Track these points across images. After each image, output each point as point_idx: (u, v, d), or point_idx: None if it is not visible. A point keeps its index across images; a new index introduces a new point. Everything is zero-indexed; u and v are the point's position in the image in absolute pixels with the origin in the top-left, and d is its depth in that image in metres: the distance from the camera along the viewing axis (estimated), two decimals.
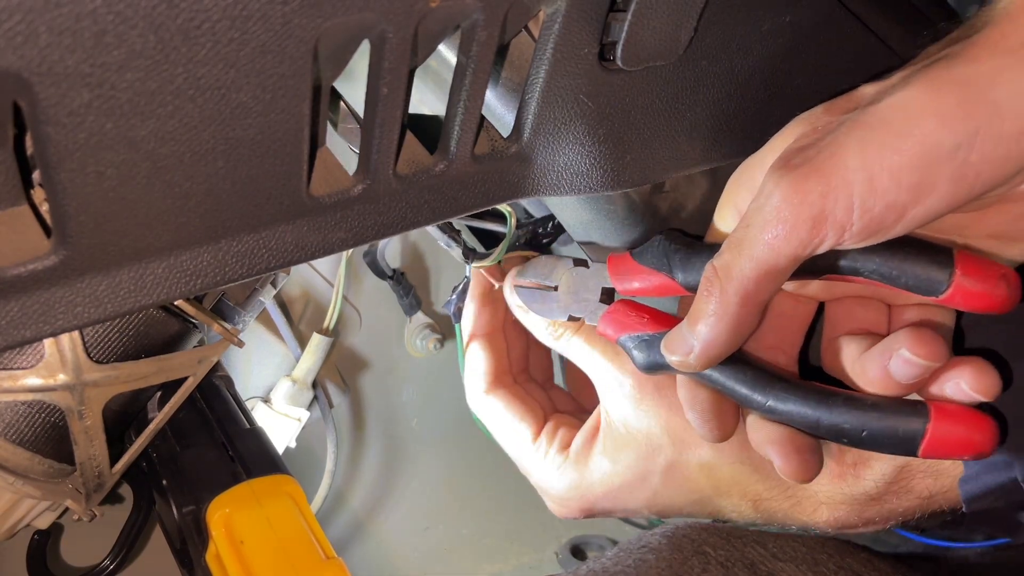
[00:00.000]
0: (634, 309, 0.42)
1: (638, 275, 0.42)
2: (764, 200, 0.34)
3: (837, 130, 0.33)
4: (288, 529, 0.60)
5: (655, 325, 0.41)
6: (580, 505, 0.48)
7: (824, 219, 0.32)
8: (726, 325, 0.36)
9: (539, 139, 0.38)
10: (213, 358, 0.61)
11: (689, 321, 0.37)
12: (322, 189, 0.34)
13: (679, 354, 0.38)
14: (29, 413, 0.54)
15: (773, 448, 0.38)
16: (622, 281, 0.42)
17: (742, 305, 0.35)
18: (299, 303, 0.84)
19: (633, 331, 0.42)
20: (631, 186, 0.41)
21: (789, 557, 0.48)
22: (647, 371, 0.41)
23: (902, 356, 0.35)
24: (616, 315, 0.43)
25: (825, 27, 0.42)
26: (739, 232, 0.35)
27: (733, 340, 0.36)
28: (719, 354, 0.37)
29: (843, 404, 0.36)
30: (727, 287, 0.35)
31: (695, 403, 0.40)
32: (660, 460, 0.45)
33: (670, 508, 0.47)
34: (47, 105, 0.25)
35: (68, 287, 0.30)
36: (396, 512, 0.95)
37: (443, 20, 0.31)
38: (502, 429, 0.50)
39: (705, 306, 0.36)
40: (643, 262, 0.41)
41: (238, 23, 0.26)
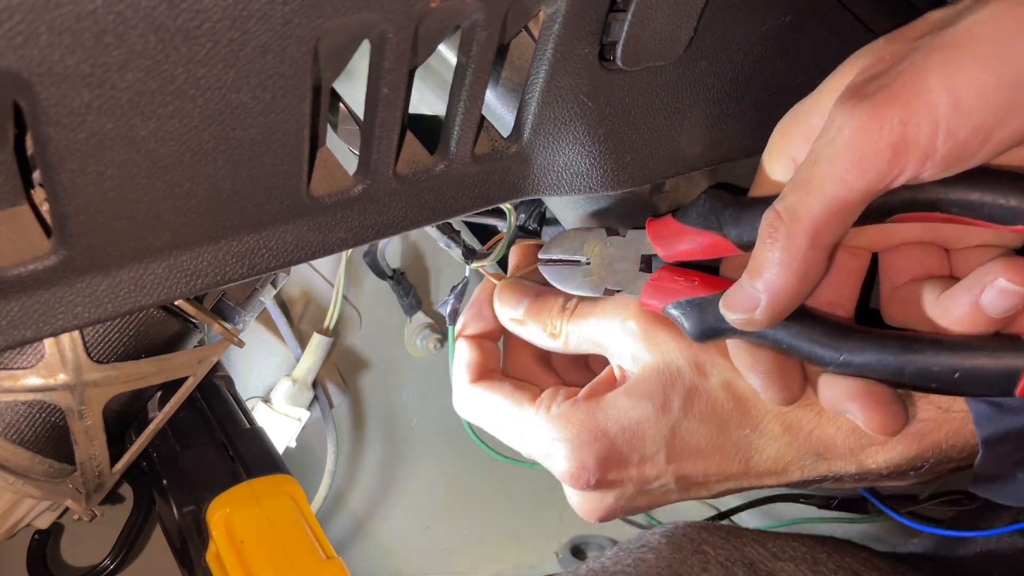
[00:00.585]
0: (680, 274, 0.39)
1: (684, 237, 0.38)
2: (835, 133, 0.31)
3: (911, 55, 0.31)
4: (288, 529, 0.60)
5: (706, 288, 0.38)
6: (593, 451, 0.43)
7: (906, 147, 0.30)
8: (795, 272, 0.33)
9: (539, 139, 0.38)
10: (213, 358, 0.61)
11: (751, 274, 0.34)
12: (322, 189, 0.34)
13: (742, 311, 0.35)
14: (29, 413, 0.54)
15: (855, 403, 0.36)
16: (666, 245, 0.39)
17: (812, 248, 0.33)
18: (299, 303, 0.84)
19: (681, 296, 0.38)
20: (631, 186, 0.41)
21: (789, 556, 0.48)
22: (701, 338, 0.38)
23: (998, 286, 0.32)
24: (661, 282, 0.39)
25: (825, 27, 0.42)
26: (805, 171, 0.33)
27: (803, 288, 0.34)
28: (789, 305, 0.34)
29: (929, 347, 0.34)
30: (795, 229, 0.32)
31: (757, 365, 0.38)
32: (680, 386, 0.43)
33: (689, 447, 0.43)
34: (47, 105, 0.25)
35: (68, 287, 0.30)
36: (396, 512, 0.95)
37: (443, 20, 0.31)
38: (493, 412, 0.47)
39: (770, 254, 0.33)
40: (688, 222, 0.38)
41: (238, 23, 0.26)
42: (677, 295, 0.39)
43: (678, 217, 0.39)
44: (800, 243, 0.33)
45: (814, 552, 0.49)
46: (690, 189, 0.51)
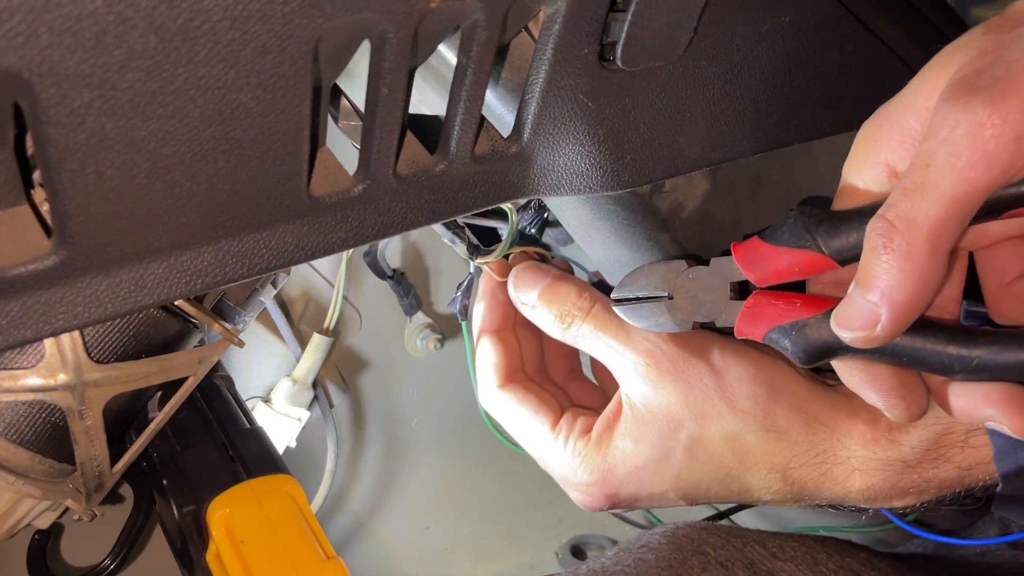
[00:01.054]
0: (777, 298, 0.37)
1: (776, 258, 0.36)
2: (950, 131, 0.30)
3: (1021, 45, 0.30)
4: (288, 529, 0.60)
5: (809, 308, 0.36)
6: (604, 491, 0.46)
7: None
8: (918, 281, 0.31)
9: (539, 139, 0.38)
10: (213, 358, 0.61)
11: (864, 288, 0.32)
12: (322, 189, 0.34)
13: (860, 328, 0.33)
14: (30, 413, 0.54)
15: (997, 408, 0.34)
16: (757, 269, 0.37)
17: (933, 254, 0.31)
18: (299, 303, 0.84)
19: (783, 321, 0.37)
20: (631, 186, 0.41)
21: (789, 557, 0.48)
22: (811, 360, 0.36)
23: None
24: (758, 308, 0.38)
25: (825, 27, 0.42)
26: (916, 175, 0.31)
27: (926, 298, 0.32)
28: (911, 316, 0.32)
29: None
30: (915, 236, 0.31)
31: (879, 382, 0.36)
32: (682, 436, 0.44)
33: (697, 489, 0.45)
34: (48, 105, 0.25)
35: (68, 287, 0.30)
36: (396, 512, 0.95)
37: (443, 20, 0.31)
38: (518, 424, 0.49)
39: (886, 265, 0.31)
40: (780, 242, 0.36)
41: (238, 23, 0.26)
42: (779, 320, 0.37)
43: (766, 238, 0.37)
44: (921, 250, 0.31)
45: (814, 552, 0.49)
46: (690, 189, 0.51)
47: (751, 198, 0.54)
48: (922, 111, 0.32)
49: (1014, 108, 0.29)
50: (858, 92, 0.45)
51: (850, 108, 0.45)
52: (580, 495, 0.47)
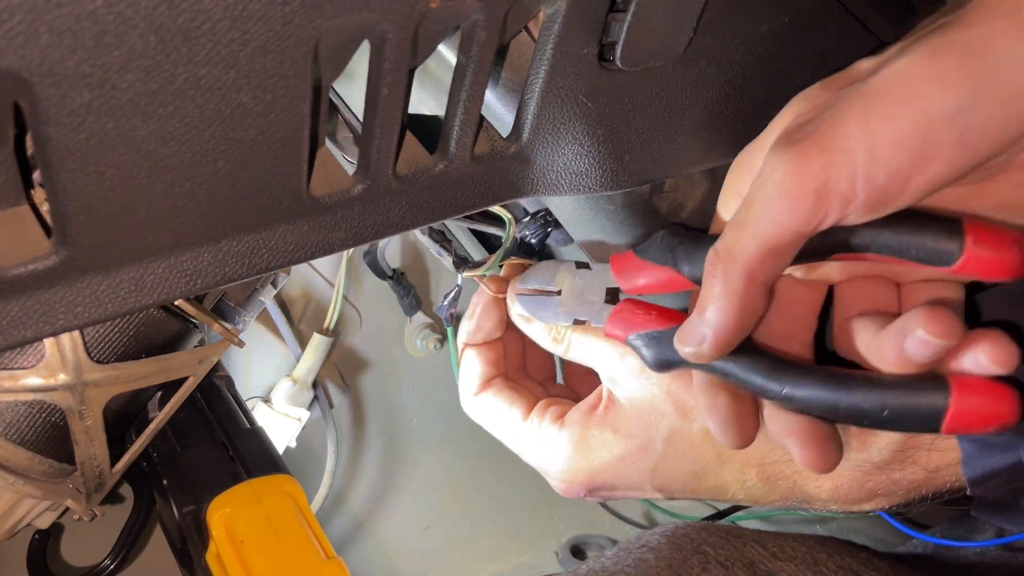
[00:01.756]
0: (641, 307, 0.41)
1: (643, 272, 0.41)
2: (767, 176, 0.33)
3: (836, 104, 0.33)
4: (288, 529, 0.60)
5: (664, 321, 0.40)
6: (581, 479, 0.47)
7: (828, 191, 0.32)
8: (734, 308, 0.35)
9: (539, 139, 0.38)
10: (213, 358, 0.61)
11: (698, 310, 0.36)
12: (322, 189, 0.34)
13: (692, 345, 0.37)
14: (30, 413, 0.54)
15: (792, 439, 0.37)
16: (627, 279, 0.41)
17: (747, 285, 0.34)
18: (299, 303, 0.84)
19: (642, 329, 0.41)
20: (630, 186, 0.41)
21: (789, 557, 0.48)
22: (658, 368, 0.40)
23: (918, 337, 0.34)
24: (623, 314, 0.42)
25: (824, 28, 0.42)
26: (741, 212, 0.34)
27: (743, 324, 0.35)
28: (730, 340, 0.36)
29: (862, 385, 0.35)
30: (731, 268, 0.34)
31: (715, 408, 0.39)
32: (663, 427, 0.45)
33: (672, 482, 0.46)
34: (48, 105, 0.25)
35: (68, 287, 0.30)
36: (396, 512, 0.95)
37: (443, 20, 0.31)
38: (495, 421, 0.49)
39: (710, 291, 0.35)
40: (647, 258, 0.40)
41: (238, 23, 0.26)
42: (637, 327, 0.41)
43: (639, 253, 0.41)
44: (736, 281, 0.34)
45: (814, 552, 0.49)
46: (690, 189, 0.51)
47: None
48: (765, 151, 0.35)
49: (815, 163, 0.32)
50: None
51: None
52: (557, 482, 0.48)
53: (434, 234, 0.49)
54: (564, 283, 0.45)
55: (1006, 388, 0.35)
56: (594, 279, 0.45)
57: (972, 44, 0.31)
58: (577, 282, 0.45)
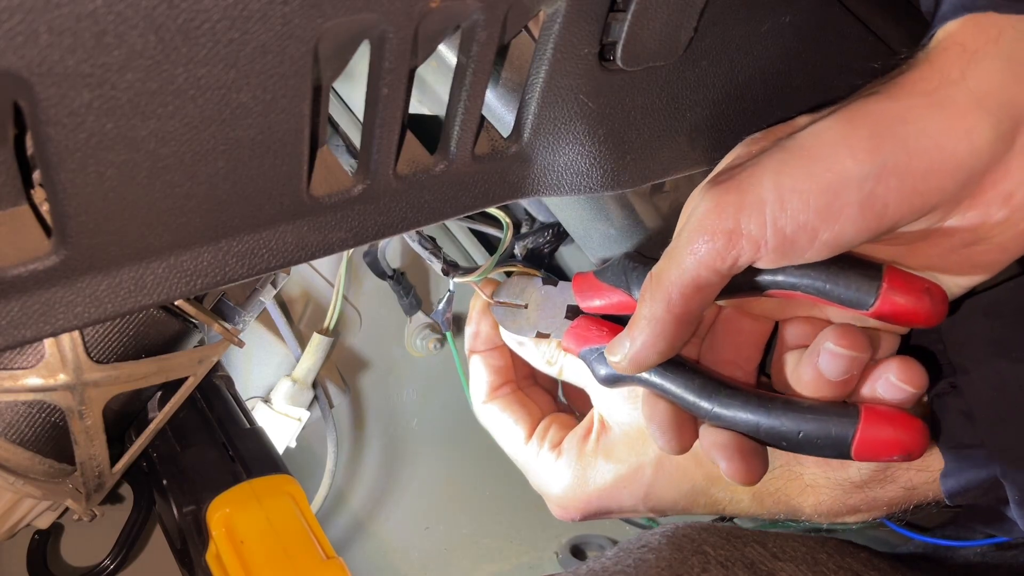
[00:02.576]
0: (595, 324, 0.44)
1: (599, 292, 0.43)
2: (692, 211, 0.36)
3: (762, 154, 0.35)
4: (288, 529, 0.60)
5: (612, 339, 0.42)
6: (577, 505, 0.48)
7: (739, 233, 0.34)
8: (653, 331, 0.37)
9: (539, 139, 0.38)
10: (213, 358, 0.61)
11: (628, 326, 0.39)
12: (322, 189, 0.34)
13: (616, 356, 0.39)
14: (29, 413, 0.54)
15: (717, 451, 0.39)
16: (585, 298, 0.44)
17: (668, 312, 0.37)
18: (299, 303, 0.84)
19: (593, 344, 0.43)
20: (631, 186, 0.41)
21: (789, 557, 0.48)
22: (605, 383, 0.43)
23: (828, 350, 0.37)
24: (578, 330, 0.44)
25: (825, 27, 0.42)
26: (672, 242, 0.36)
27: (660, 346, 0.38)
28: (646, 359, 0.38)
29: (781, 407, 0.38)
30: (656, 294, 0.37)
31: (654, 415, 0.41)
32: (651, 452, 0.46)
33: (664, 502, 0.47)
34: (47, 105, 0.25)
35: (68, 287, 0.30)
36: (396, 512, 0.95)
37: (443, 20, 0.31)
38: (500, 433, 0.51)
39: (639, 311, 0.38)
40: (604, 280, 0.43)
41: (238, 23, 0.26)
42: (590, 342, 0.44)
43: (597, 275, 0.44)
44: (658, 307, 0.37)
45: (814, 552, 0.49)
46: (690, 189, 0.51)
47: None
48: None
49: (729, 205, 0.34)
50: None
51: None
52: (554, 507, 0.49)
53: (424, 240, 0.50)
54: (531, 297, 0.47)
55: (912, 418, 0.37)
56: (557, 296, 0.47)
57: (888, 117, 0.33)
58: (542, 297, 0.47)
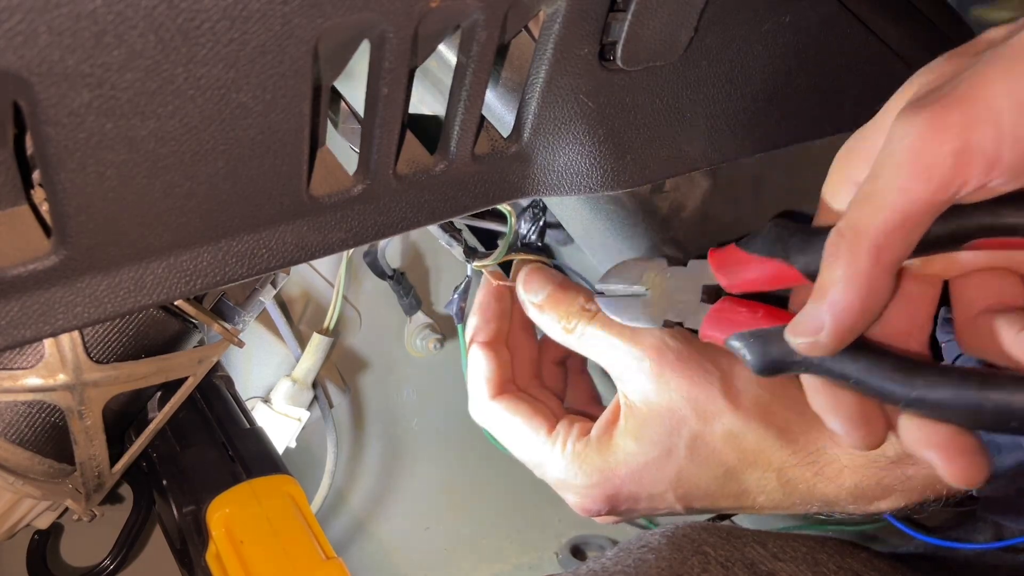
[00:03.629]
0: (743, 305, 0.38)
1: (748, 266, 0.37)
2: (895, 144, 0.31)
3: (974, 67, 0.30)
4: (288, 529, 0.60)
5: (771, 319, 0.36)
6: (604, 491, 0.46)
7: (969, 153, 0.29)
8: (859, 290, 0.32)
9: (539, 139, 0.38)
10: (213, 358, 0.61)
11: (816, 296, 0.33)
12: (322, 189, 0.34)
13: (807, 335, 0.33)
14: (29, 413, 0.54)
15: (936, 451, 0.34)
16: (729, 275, 0.38)
17: (875, 265, 0.31)
18: (299, 303, 0.84)
19: (745, 328, 0.37)
20: (631, 186, 0.41)
21: (789, 557, 0.48)
22: (765, 372, 0.36)
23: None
24: (723, 313, 0.38)
25: (825, 27, 0.42)
26: (866, 186, 0.32)
27: (868, 308, 0.32)
28: (854, 327, 0.33)
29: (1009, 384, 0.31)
30: (857, 245, 0.31)
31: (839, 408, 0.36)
32: (684, 432, 0.44)
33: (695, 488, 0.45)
34: (47, 105, 0.25)
35: (68, 287, 0.30)
36: (396, 512, 0.95)
37: (443, 20, 0.31)
38: (512, 433, 0.49)
39: (833, 273, 0.32)
40: (753, 251, 0.37)
41: (238, 23, 0.26)
42: (740, 326, 0.37)
43: (742, 246, 0.37)
44: (863, 259, 0.31)
45: (814, 553, 0.49)
46: (690, 189, 0.51)
47: (751, 198, 0.54)
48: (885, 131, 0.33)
49: (954, 123, 0.29)
50: (858, 92, 0.45)
51: (850, 108, 0.45)
52: (579, 498, 0.47)
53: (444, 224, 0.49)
54: (653, 282, 0.41)
55: None
56: (688, 277, 0.40)
57: None
58: (668, 281, 0.41)
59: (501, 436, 0.50)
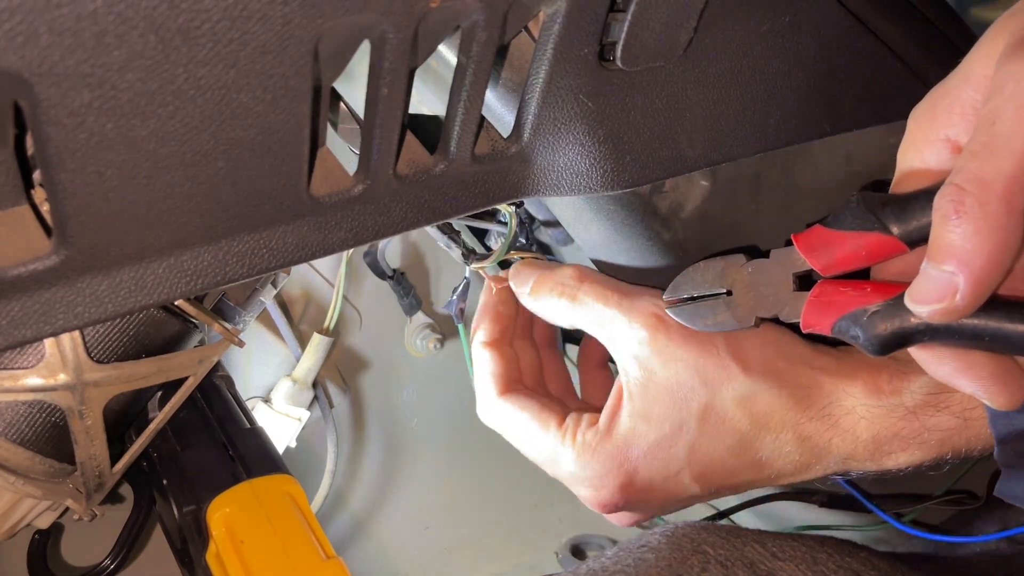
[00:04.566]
0: (847, 284, 0.35)
1: (843, 243, 0.35)
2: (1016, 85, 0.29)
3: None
4: (288, 529, 0.60)
5: (880, 294, 0.34)
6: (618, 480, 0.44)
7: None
8: (995, 242, 0.30)
9: (539, 139, 0.38)
10: (213, 358, 0.61)
11: (937, 259, 0.31)
12: (322, 189, 0.34)
13: (938, 301, 0.31)
14: (30, 413, 0.54)
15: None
16: (822, 256, 0.36)
17: (1009, 213, 0.29)
18: (299, 303, 0.84)
19: (851, 308, 0.35)
20: (631, 186, 0.41)
21: (789, 556, 0.48)
22: (885, 349, 0.34)
23: None
24: (825, 296, 0.36)
25: (824, 27, 0.42)
26: (983, 134, 0.30)
27: (1005, 260, 0.30)
28: (992, 281, 0.30)
29: None
30: (986, 195, 0.29)
31: (976, 371, 0.34)
32: (694, 404, 0.43)
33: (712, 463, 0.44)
34: (48, 105, 0.25)
35: (68, 287, 0.30)
36: (396, 512, 0.95)
37: (443, 20, 0.31)
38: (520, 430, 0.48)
39: (959, 230, 0.30)
40: (843, 227, 0.35)
41: (238, 23, 0.26)
42: (848, 307, 0.35)
43: (829, 224, 0.36)
44: (996, 210, 0.29)
45: (814, 552, 0.49)
46: (690, 189, 0.51)
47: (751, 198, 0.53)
48: (981, 81, 0.31)
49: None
50: (858, 92, 0.45)
51: (850, 108, 0.45)
52: (592, 490, 0.46)
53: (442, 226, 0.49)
54: (734, 280, 0.39)
55: None
56: (774, 267, 0.38)
57: None
58: (752, 276, 0.39)
59: (510, 435, 0.49)
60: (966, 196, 0.30)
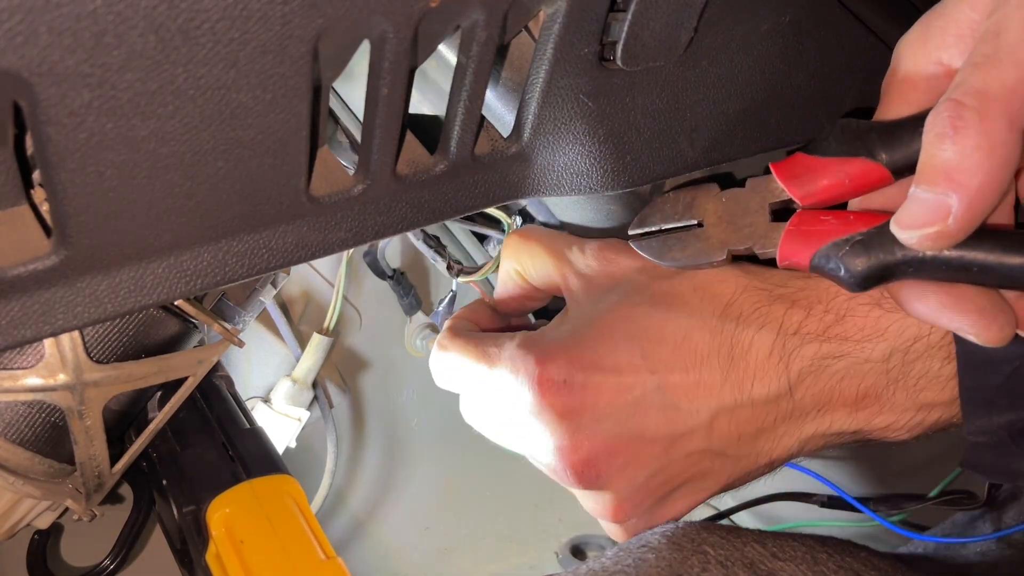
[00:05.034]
0: (828, 213, 0.32)
1: (826, 170, 0.32)
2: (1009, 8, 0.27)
3: None
4: (288, 529, 0.60)
5: (864, 223, 0.32)
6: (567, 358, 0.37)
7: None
8: (995, 159, 0.27)
9: (539, 139, 0.38)
10: (213, 358, 0.61)
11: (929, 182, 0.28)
12: (322, 189, 0.34)
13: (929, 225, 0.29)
14: (29, 413, 0.54)
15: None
16: (803, 184, 0.33)
17: (1011, 128, 0.27)
18: (299, 303, 0.84)
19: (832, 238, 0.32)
20: (631, 186, 0.41)
21: (789, 556, 0.48)
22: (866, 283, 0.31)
23: None
24: (804, 226, 0.33)
25: (825, 27, 0.42)
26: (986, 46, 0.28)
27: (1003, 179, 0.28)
28: (989, 203, 0.28)
29: None
30: (989, 109, 0.27)
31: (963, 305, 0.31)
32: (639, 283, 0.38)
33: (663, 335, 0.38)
34: (47, 105, 0.25)
35: (68, 287, 0.30)
36: (396, 512, 0.95)
37: (443, 20, 0.31)
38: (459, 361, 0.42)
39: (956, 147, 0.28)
40: (827, 154, 0.32)
41: (238, 23, 0.26)
42: (828, 237, 0.32)
43: (811, 151, 0.33)
44: (998, 125, 0.27)
45: (814, 552, 0.49)
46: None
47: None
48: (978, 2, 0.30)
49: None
50: (858, 92, 0.45)
51: (850, 108, 0.45)
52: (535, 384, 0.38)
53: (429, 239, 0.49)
54: (706, 210, 0.36)
55: None
56: (749, 197, 0.35)
57: None
58: (725, 205, 0.36)
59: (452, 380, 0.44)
60: (965, 111, 0.28)
